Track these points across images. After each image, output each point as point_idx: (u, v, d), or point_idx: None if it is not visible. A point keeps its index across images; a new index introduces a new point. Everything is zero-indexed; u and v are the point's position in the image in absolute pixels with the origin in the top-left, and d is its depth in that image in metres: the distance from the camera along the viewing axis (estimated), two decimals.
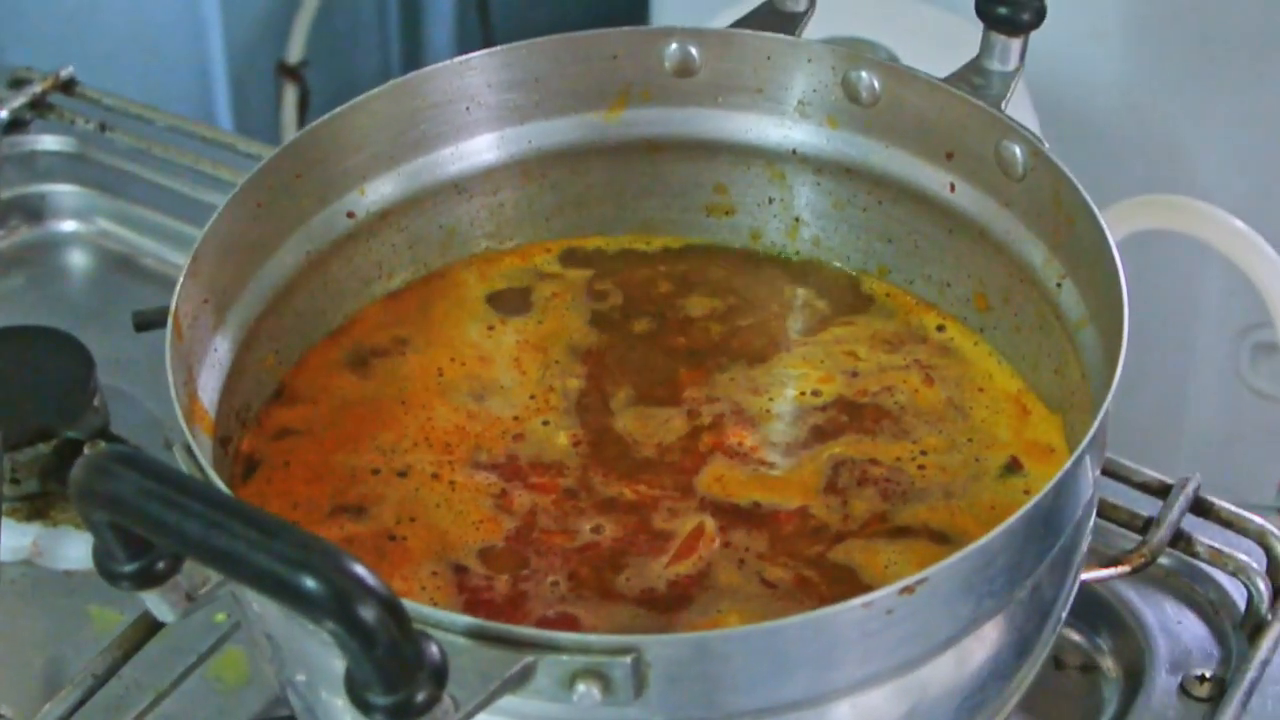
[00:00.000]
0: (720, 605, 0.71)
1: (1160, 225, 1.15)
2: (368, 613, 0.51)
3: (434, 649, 0.54)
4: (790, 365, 0.82)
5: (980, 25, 0.79)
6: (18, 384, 0.93)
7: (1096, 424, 0.66)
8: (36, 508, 0.91)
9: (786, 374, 0.81)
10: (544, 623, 0.70)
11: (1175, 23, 1.29)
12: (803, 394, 0.80)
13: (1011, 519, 0.62)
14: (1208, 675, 0.82)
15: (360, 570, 0.51)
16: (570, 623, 0.70)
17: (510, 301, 0.85)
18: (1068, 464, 0.64)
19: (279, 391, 0.80)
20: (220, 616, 0.85)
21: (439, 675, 0.54)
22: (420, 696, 0.53)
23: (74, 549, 0.90)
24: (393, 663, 0.52)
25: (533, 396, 0.80)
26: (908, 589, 0.60)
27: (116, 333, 0.90)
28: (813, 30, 0.85)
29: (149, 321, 0.84)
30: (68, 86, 1.18)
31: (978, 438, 0.78)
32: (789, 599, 0.71)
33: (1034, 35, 0.79)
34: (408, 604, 0.53)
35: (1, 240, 1.09)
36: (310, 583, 0.51)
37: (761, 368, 0.82)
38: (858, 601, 0.60)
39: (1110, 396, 0.67)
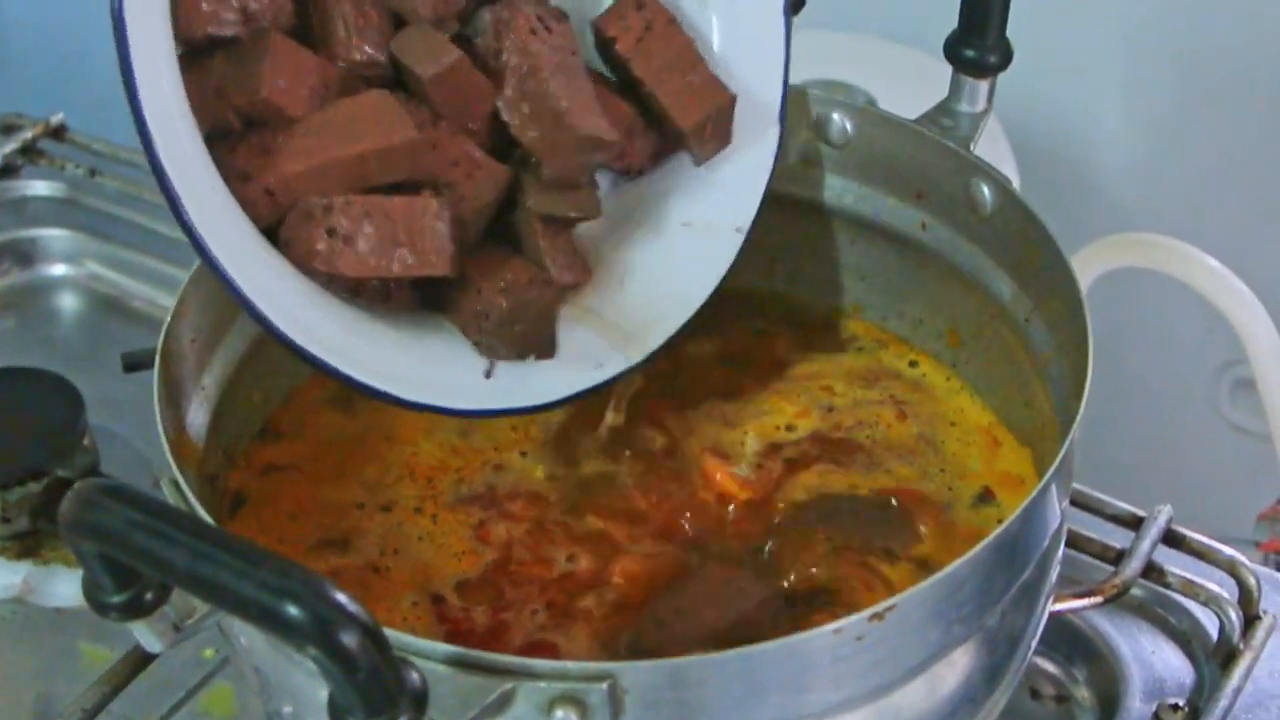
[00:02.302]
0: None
1: (1136, 263, 1.16)
2: (349, 639, 0.52)
3: (414, 675, 0.55)
4: (765, 401, 0.83)
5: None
6: (9, 424, 0.93)
7: (1062, 454, 0.67)
8: (27, 546, 0.92)
9: (761, 409, 0.82)
10: (522, 650, 0.71)
11: (1153, 64, 1.30)
12: (778, 428, 0.81)
13: (978, 547, 0.63)
14: (1181, 704, 0.84)
15: (342, 597, 0.52)
16: (549, 650, 0.71)
17: None
18: (1034, 492, 0.65)
19: (265, 428, 0.82)
20: (208, 652, 0.86)
21: (420, 701, 0.55)
22: None
23: (64, 586, 0.91)
24: (374, 688, 0.53)
25: (514, 428, 0.81)
26: (877, 615, 0.61)
27: (106, 374, 0.90)
28: (789, 75, 0.86)
29: (138, 362, 0.84)
30: (58, 133, 1.19)
31: (950, 469, 0.79)
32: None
33: (1011, 73, 0.81)
34: (388, 632, 0.54)
35: None
36: (293, 609, 0.52)
37: (737, 403, 0.83)
38: (829, 628, 0.61)
39: (1075, 428, 0.68)
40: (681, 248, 0.80)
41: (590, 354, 0.77)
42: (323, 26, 0.73)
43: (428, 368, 0.74)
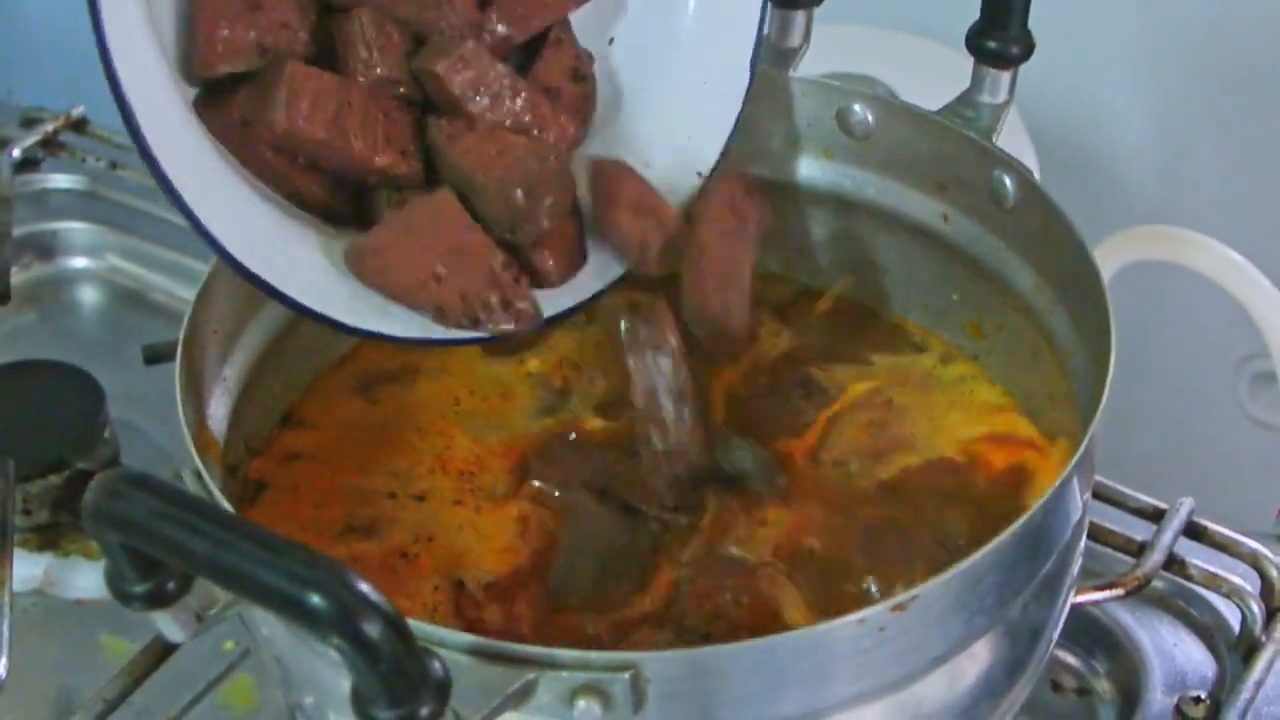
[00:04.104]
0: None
1: (1156, 256, 1.16)
2: (372, 629, 0.52)
3: (437, 665, 0.55)
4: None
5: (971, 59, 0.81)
6: (30, 417, 0.94)
7: (1084, 446, 0.67)
8: (48, 538, 0.92)
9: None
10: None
11: (1173, 55, 1.30)
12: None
13: (1000, 538, 0.63)
14: (1202, 696, 0.83)
15: (365, 587, 0.52)
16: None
17: None
18: (1055, 484, 0.65)
19: (287, 417, 0.82)
20: (229, 644, 0.86)
21: (442, 691, 0.55)
22: (424, 712, 0.54)
23: (85, 579, 0.91)
24: (397, 678, 0.53)
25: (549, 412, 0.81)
26: (899, 606, 0.61)
27: (127, 367, 0.91)
28: (810, 67, 0.86)
29: (159, 355, 0.84)
30: (79, 125, 1.19)
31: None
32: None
33: (1032, 68, 0.81)
34: (411, 622, 0.54)
35: (14, 277, 1.09)
36: (316, 599, 0.52)
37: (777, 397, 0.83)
38: (851, 618, 0.61)
39: (1097, 420, 0.68)
40: None
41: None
42: (344, 48, 0.74)
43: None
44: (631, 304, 0.76)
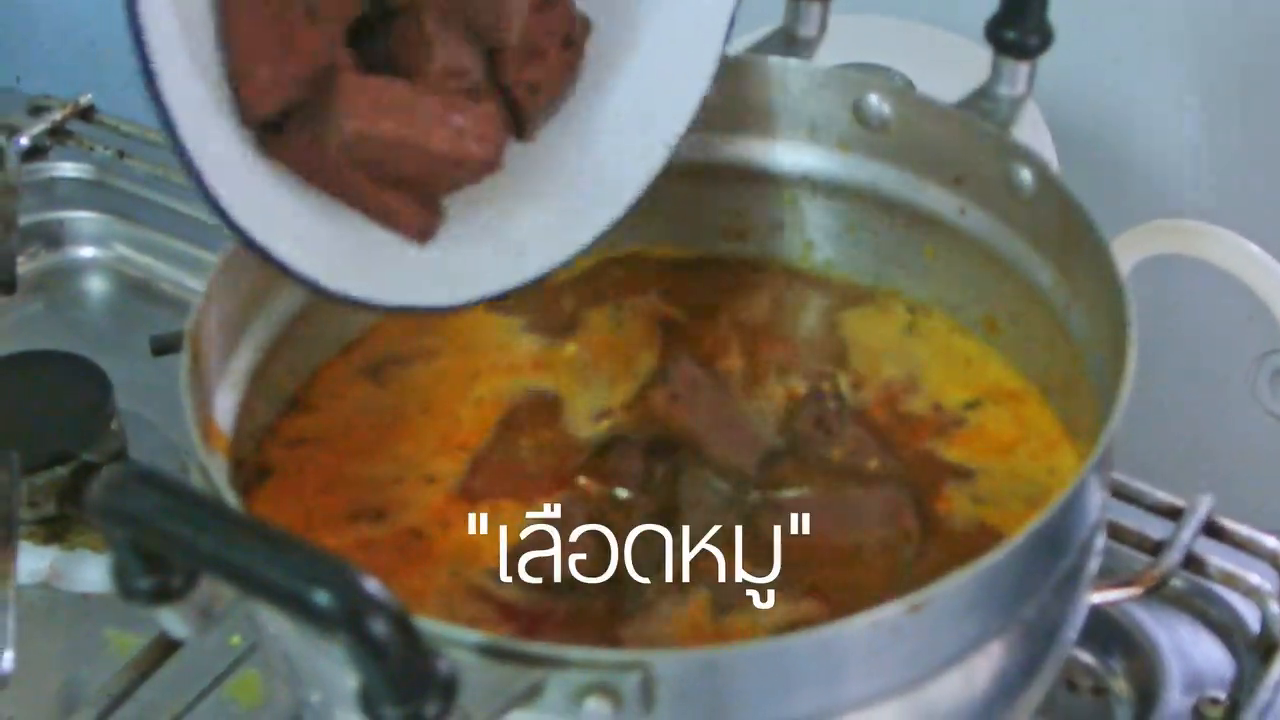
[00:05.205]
0: None
1: (1175, 250, 1.15)
2: (378, 627, 0.51)
3: (444, 663, 0.54)
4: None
5: (990, 50, 0.80)
6: (36, 408, 0.94)
7: (1102, 446, 0.66)
8: (54, 531, 0.92)
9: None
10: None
11: (1193, 47, 1.29)
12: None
13: (1017, 538, 0.62)
14: (1221, 697, 0.83)
15: (371, 585, 0.52)
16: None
17: (530, 308, 0.86)
18: (1073, 484, 0.64)
19: (294, 402, 0.81)
20: (236, 639, 0.86)
21: (449, 689, 0.54)
22: (431, 710, 0.54)
23: (91, 572, 0.91)
24: (404, 676, 0.53)
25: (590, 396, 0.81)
26: (914, 607, 0.60)
27: (134, 357, 0.90)
28: (827, 57, 0.85)
29: (166, 346, 0.84)
30: (87, 114, 1.19)
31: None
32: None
33: (1051, 60, 0.80)
34: (419, 620, 0.53)
35: (21, 266, 1.09)
36: (322, 596, 0.51)
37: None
38: (865, 619, 0.60)
39: (1116, 418, 0.67)
40: (608, 150, 0.80)
41: (511, 248, 0.77)
42: (403, 47, 0.74)
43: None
44: None
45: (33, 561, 0.90)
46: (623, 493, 0.76)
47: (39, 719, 0.85)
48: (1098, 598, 0.77)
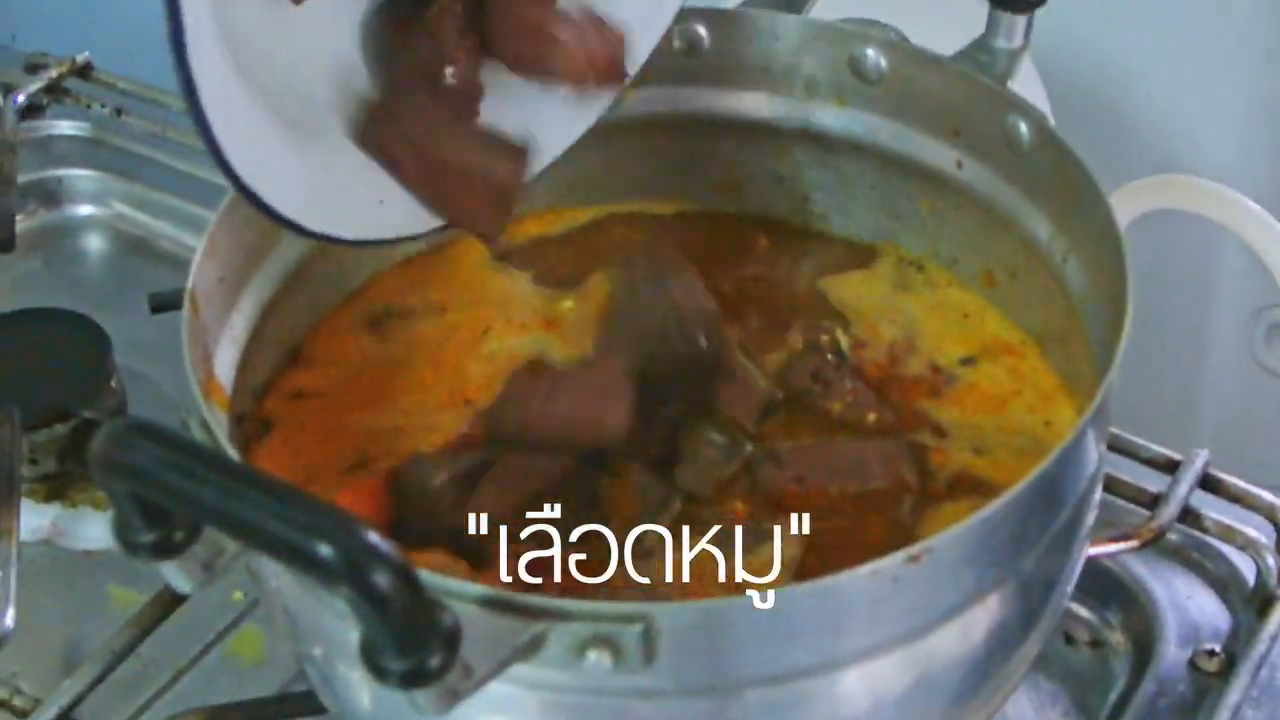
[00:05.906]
0: None
1: (1172, 205, 1.15)
2: (381, 578, 0.51)
3: (447, 616, 0.54)
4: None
5: (986, 3, 0.80)
6: (35, 366, 0.93)
7: (1099, 398, 0.66)
8: (55, 488, 0.92)
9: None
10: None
11: (1191, 1, 1.29)
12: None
13: (1014, 489, 0.62)
14: (1217, 649, 0.83)
15: (374, 537, 0.52)
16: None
17: (533, 260, 0.86)
18: (1070, 436, 0.65)
19: (294, 355, 0.81)
20: (238, 595, 0.86)
21: (452, 641, 0.54)
22: (434, 662, 0.54)
23: (93, 529, 0.91)
24: (406, 628, 0.53)
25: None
26: (913, 558, 0.61)
27: (133, 315, 0.90)
28: (822, 12, 0.85)
29: (165, 303, 0.84)
30: (84, 71, 1.19)
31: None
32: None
33: (1044, 14, 0.80)
34: (421, 572, 0.53)
35: (19, 224, 1.09)
36: (324, 549, 0.51)
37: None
38: (864, 570, 0.60)
39: (1113, 371, 0.67)
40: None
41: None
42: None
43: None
44: None
45: (34, 519, 0.90)
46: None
47: (41, 676, 0.85)
48: (1095, 550, 0.77)
